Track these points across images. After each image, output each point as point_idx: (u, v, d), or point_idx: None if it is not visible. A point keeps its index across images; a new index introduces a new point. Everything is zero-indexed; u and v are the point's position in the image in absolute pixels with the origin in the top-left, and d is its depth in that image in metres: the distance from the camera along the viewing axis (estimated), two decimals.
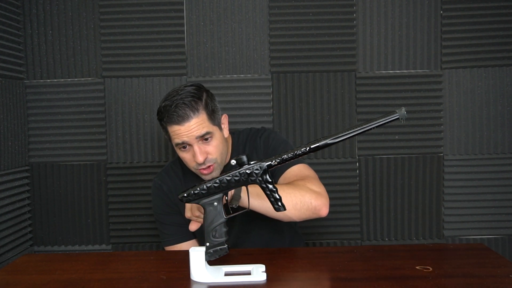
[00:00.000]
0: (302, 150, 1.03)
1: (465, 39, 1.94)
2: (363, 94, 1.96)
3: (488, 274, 1.05)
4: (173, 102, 1.33)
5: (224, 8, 1.94)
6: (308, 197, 1.24)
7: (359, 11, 1.95)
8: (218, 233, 1.04)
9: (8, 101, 1.83)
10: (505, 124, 1.96)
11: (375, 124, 1.00)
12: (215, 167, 1.38)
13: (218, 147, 1.38)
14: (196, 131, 1.33)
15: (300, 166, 1.41)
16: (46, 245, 2.00)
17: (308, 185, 1.29)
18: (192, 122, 1.32)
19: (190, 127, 1.32)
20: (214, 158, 1.37)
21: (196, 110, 1.33)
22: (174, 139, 1.36)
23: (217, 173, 1.39)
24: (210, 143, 1.36)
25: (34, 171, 1.98)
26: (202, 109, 1.35)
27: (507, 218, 1.98)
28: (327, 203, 1.28)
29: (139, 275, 1.09)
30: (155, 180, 1.54)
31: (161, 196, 1.51)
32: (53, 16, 1.95)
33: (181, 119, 1.32)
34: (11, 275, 1.12)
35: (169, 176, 1.53)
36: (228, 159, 1.48)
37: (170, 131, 1.37)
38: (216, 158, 1.37)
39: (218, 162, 1.39)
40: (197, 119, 1.33)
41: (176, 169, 1.54)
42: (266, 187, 1.05)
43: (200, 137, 1.33)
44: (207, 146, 1.36)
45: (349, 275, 1.06)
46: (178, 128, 1.33)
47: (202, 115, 1.34)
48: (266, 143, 1.48)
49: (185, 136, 1.33)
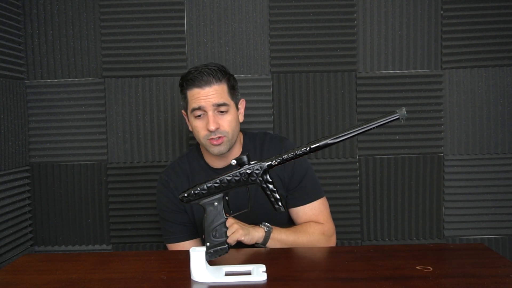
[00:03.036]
0: (302, 150, 1.03)
1: (465, 39, 1.94)
2: (363, 94, 1.96)
3: (488, 274, 1.05)
4: (198, 68, 1.40)
5: (224, 8, 1.94)
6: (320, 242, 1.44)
7: (359, 11, 1.95)
8: (218, 233, 1.05)
9: (9, 101, 1.83)
10: (505, 124, 1.96)
11: (375, 124, 1.00)
12: (225, 141, 1.40)
13: (232, 123, 1.40)
14: (214, 98, 1.36)
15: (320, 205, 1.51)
16: (47, 245, 2.00)
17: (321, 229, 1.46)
18: (212, 88, 1.37)
19: (209, 93, 1.37)
20: (226, 131, 1.39)
21: (218, 79, 1.38)
22: (192, 104, 1.39)
23: (225, 148, 1.41)
24: (225, 117, 1.39)
25: (34, 171, 1.98)
26: (224, 81, 1.40)
27: (507, 218, 1.98)
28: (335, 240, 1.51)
29: (139, 275, 1.09)
30: (162, 176, 1.54)
31: (167, 193, 1.51)
32: (54, 16, 1.95)
33: (203, 83, 1.37)
34: (11, 275, 1.13)
35: (176, 173, 1.53)
36: (238, 152, 1.50)
37: (189, 95, 1.40)
38: (228, 131, 1.39)
39: (229, 137, 1.40)
40: (217, 87, 1.38)
41: (183, 166, 1.54)
42: (267, 187, 1.05)
43: (217, 105, 1.37)
44: (221, 118, 1.39)
45: (349, 275, 1.06)
46: (198, 91, 1.37)
47: (223, 86, 1.39)
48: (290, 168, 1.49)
49: (203, 100, 1.36)
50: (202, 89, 1.37)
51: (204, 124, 1.39)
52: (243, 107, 1.50)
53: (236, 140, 1.47)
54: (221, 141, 1.39)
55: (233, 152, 1.49)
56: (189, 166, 1.52)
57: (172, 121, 1.97)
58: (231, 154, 1.48)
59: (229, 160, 1.47)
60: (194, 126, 1.42)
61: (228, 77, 1.43)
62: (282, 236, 1.37)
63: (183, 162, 1.55)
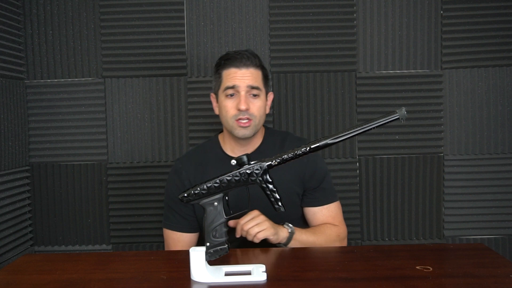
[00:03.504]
0: (302, 150, 1.03)
1: (465, 39, 1.95)
2: (363, 94, 1.96)
3: (488, 274, 1.05)
4: (237, 51, 1.45)
5: (224, 8, 1.94)
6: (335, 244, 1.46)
7: (359, 11, 1.95)
8: (218, 233, 1.04)
9: (9, 101, 1.83)
10: (505, 124, 1.96)
11: (375, 124, 1.00)
12: (252, 125, 1.41)
13: (260, 109, 1.43)
14: (250, 79, 1.41)
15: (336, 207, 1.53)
16: (47, 245, 2.00)
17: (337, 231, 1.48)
18: (249, 71, 1.41)
19: (245, 74, 1.41)
20: (254, 115, 1.41)
21: (256, 64, 1.43)
22: (226, 82, 1.42)
23: (250, 132, 1.42)
24: (256, 101, 1.42)
25: (34, 171, 1.98)
26: (260, 68, 1.45)
27: (507, 218, 1.98)
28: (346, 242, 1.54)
29: (139, 275, 1.09)
30: (176, 163, 1.54)
31: (177, 181, 1.50)
32: (53, 16, 1.95)
33: (241, 64, 1.41)
34: (11, 275, 1.12)
35: (190, 162, 1.52)
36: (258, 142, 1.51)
37: (224, 74, 1.43)
38: (256, 116, 1.42)
39: (256, 122, 1.42)
40: (254, 71, 1.42)
41: (198, 155, 1.54)
42: (266, 187, 1.05)
43: (251, 87, 1.40)
44: (252, 101, 1.42)
45: (349, 275, 1.06)
46: (235, 71, 1.41)
47: (259, 72, 1.44)
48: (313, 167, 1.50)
49: (239, 80, 1.40)
50: (239, 69, 1.41)
51: (234, 104, 1.40)
52: (270, 100, 1.53)
53: (259, 131, 1.49)
54: (248, 123, 1.41)
55: (254, 141, 1.50)
56: (205, 156, 1.52)
57: (172, 121, 1.97)
58: (252, 142, 1.49)
59: (248, 148, 1.49)
60: (223, 106, 1.43)
61: (264, 67, 1.48)
62: (303, 237, 1.38)
63: (199, 152, 1.55)
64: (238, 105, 1.39)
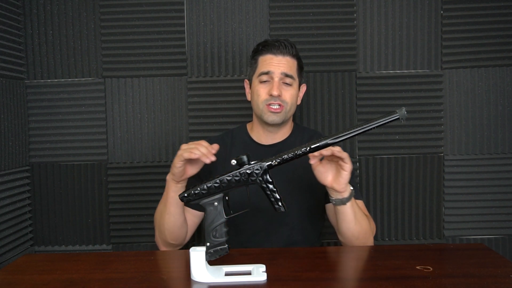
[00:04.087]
0: (302, 150, 1.03)
1: (465, 39, 1.94)
2: (363, 94, 1.96)
3: (488, 274, 1.05)
4: (276, 39, 1.47)
5: (224, 8, 1.94)
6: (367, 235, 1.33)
7: (359, 11, 1.95)
8: (218, 233, 1.05)
9: (9, 101, 1.83)
10: (505, 124, 1.96)
11: (375, 124, 1.00)
12: (283, 112, 1.43)
13: (293, 97, 1.45)
14: (285, 67, 1.43)
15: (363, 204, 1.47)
16: (47, 245, 2.00)
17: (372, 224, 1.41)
18: (285, 59, 1.44)
19: (281, 61, 1.43)
20: (286, 101, 1.43)
21: (292, 54, 1.46)
22: (261, 68, 1.44)
23: (280, 118, 1.43)
24: (288, 89, 1.44)
25: (34, 171, 1.98)
26: (296, 58, 1.48)
27: (507, 218, 1.98)
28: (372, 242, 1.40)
29: (139, 275, 1.09)
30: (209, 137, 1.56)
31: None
32: (53, 16, 1.95)
33: (278, 51, 1.43)
34: (11, 275, 1.13)
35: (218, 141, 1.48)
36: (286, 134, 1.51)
37: (260, 60, 1.45)
38: (288, 102, 1.43)
39: (287, 109, 1.44)
40: (291, 60, 1.45)
41: (226, 138, 1.56)
42: (267, 187, 1.05)
43: (285, 75, 1.42)
44: (285, 88, 1.43)
45: (349, 275, 1.06)
46: (271, 57, 1.43)
47: (295, 61, 1.47)
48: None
49: (274, 66, 1.42)
50: (275, 56, 1.43)
51: (267, 89, 1.42)
52: (302, 92, 1.55)
53: (288, 121, 1.51)
54: (279, 109, 1.42)
55: (283, 131, 1.51)
56: (232, 139, 1.55)
57: (172, 121, 1.97)
58: (280, 132, 1.50)
59: (277, 136, 1.50)
60: (256, 90, 1.45)
61: (299, 58, 1.49)
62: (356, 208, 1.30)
63: (227, 135, 1.58)
64: (270, 91, 1.41)
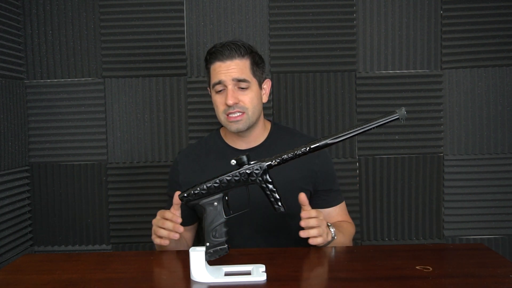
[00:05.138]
0: (302, 150, 1.03)
1: (465, 39, 1.94)
2: (363, 94, 1.96)
3: (488, 274, 1.05)
4: (222, 43, 1.39)
5: (224, 8, 1.94)
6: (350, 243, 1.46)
7: (359, 11, 1.95)
8: (218, 233, 1.04)
9: (8, 101, 1.83)
10: (505, 124, 1.96)
11: (375, 124, 1.00)
12: (244, 118, 1.36)
13: (253, 100, 1.38)
14: (235, 72, 1.35)
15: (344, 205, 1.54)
16: (46, 245, 2.00)
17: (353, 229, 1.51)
18: (234, 63, 1.36)
19: (230, 67, 1.35)
20: (246, 107, 1.36)
21: (241, 54, 1.37)
22: (213, 78, 1.38)
23: (243, 125, 1.37)
24: (245, 93, 1.37)
25: (34, 171, 1.98)
26: (248, 57, 1.38)
27: (507, 218, 1.98)
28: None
29: (139, 275, 1.09)
30: (177, 156, 1.54)
31: (173, 173, 1.52)
32: (53, 16, 1.95)
33: (224, 56, 1.36)
34: (11, 275, 1.12)
35: (188, 156, 1.50)
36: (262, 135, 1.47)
37: (211, 70, 1.40)
38: (248, 107, 1.36)
39: (249, 114, 1.37)
40: (239, 61, 1.36)
41: (197, 149, 1.51)
42: (266, 187, 1.05)
43: (237, 80, 1.35)
44: (241, 94, 1.37)
45: (349, 275, 1.06)
46: (219, 65, 1.37)
47: (246, 61, 1.38)
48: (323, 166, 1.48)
49: (223, 74, 1.35)
50: (223, 63, 1.36)
51: (223, 99, 1.36)
52: (268, 88, 1.48)
53: (258, 122, 1.44)
54: (240, 117, 1.36)
55: (256, 134, 1.45)
56: (205, 148, 1.50)
57: (172, 121, 1.97)
58: (252, 135, 1.45)
59: (251, 140, 1.45)
60: (214, 101, 1.40)
61: (253, 54, 1.40)
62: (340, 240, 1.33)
63: (198, 145, 1.53)
64: (225, 100, 1.35)
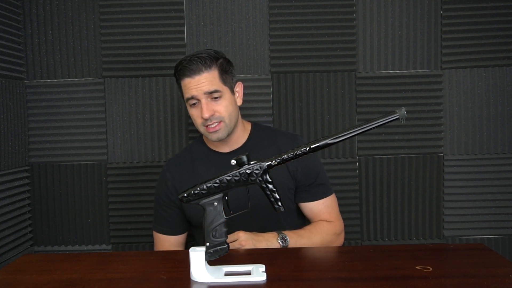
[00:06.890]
0: (302, 150, 1.03)
1: (465, 39, 1.94)
2: (363, 94, 1.96)
3: (488, 274, 1.05)
4: (187, 57, 1.40)
5: (224, 8, 1.94)
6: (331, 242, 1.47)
7: (359, 11, 1.95)
8: (218, 233, 1.04)
9: (8, 101, 1.83)
10: (505, 124, 1.96)
11: (375, 124, 1.00)
12: (222, 127, 1.40)
13: (227, 108, 1.40)
14: (205, 86, 1.37)
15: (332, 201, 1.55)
16: (46, 245, 2.00)
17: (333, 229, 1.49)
18: (202, 76, 1.37)
19: (200, 81, 1.37)
20: (222, 116, 1.39)
21: (208, 66, 1.38)
22: (185, 94, 1.41)
23: (223, 133, 1.41)
24: (219, 102, 1.39)
25: (34, 171, 1.98)
26: (215, 67, 1.40)
27: (507, 218, 1.98)
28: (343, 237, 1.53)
29: (139, 275, 1.09)
30: (165, 165, 1.57)
31: (162, 183, 1.54)
32: (53, 16, 1.95)
33: (192, 72, 1.37)
34: (11, 275, 1.12)
35: (175, 164, 1.54)
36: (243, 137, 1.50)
37: (182, 85, 1.42)
38: (224, 116, 1.39)
39: (226, 122, 1.41)
40: (208, 74, 1.38)
41: (184, 156, 1.55)
42: (266, 187, 1.05)
43: (208, 93, 1.37)
44: (215, 104, 1.39)
45: (349, 275, 1.06)
46: (189, 81, 1.39)
47: (214, 72, 1.39)
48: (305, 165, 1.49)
49: (194, 89, 1.37)
50: (192, 78, 1.38)
51: (199, 112, 1.40)
52: (241, 90, 1.50)
53: (237, 125, 1.48)
54: (218, 127, 1.40)
55: (236, 137, 1.50)
56: (191, 155, 1.54)
57: (172, 121, 1.97)
58: (233, 138, 1.49)
59: (233, 144, 1.49)
60: (191, 115, 1.44)
61: (220, 62, 1.42)
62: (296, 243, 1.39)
63: (185, 152, 1.57)
64: (201, 114, 1.38)
